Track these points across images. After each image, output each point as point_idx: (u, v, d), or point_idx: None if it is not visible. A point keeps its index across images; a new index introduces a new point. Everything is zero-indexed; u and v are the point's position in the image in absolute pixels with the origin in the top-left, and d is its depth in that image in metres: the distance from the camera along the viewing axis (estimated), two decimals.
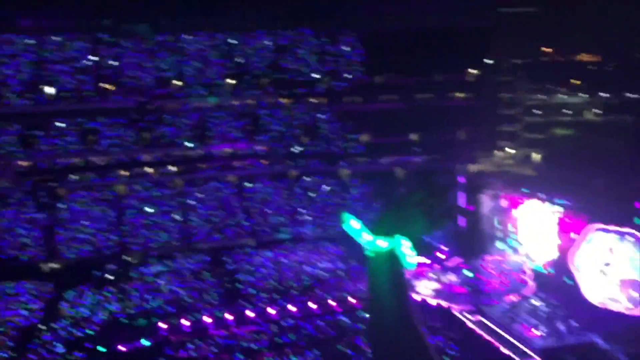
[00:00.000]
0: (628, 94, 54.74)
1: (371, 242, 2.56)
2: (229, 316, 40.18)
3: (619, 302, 35.14)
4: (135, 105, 54.91)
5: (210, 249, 49.46)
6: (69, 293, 42.23)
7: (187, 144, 54.95)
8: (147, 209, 51.49)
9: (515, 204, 45.05)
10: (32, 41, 55.41)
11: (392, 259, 2.54)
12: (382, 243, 2.54)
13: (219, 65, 57.99)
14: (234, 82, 57.82)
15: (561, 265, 39.66)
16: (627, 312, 34.50)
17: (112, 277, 44.56)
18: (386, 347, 2.65)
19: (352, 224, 2.61)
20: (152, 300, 42.05)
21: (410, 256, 2.62)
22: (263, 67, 58.89)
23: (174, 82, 56.69)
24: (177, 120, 55.76)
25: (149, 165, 54.16)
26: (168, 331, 38.60)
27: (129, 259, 47.52)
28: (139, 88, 55.50)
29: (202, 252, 48.95)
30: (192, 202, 53.06)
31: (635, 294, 34.34)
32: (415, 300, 39.88)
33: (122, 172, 53.42)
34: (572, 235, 38.74)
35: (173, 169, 54.61)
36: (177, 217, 51.68)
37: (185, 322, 39.35)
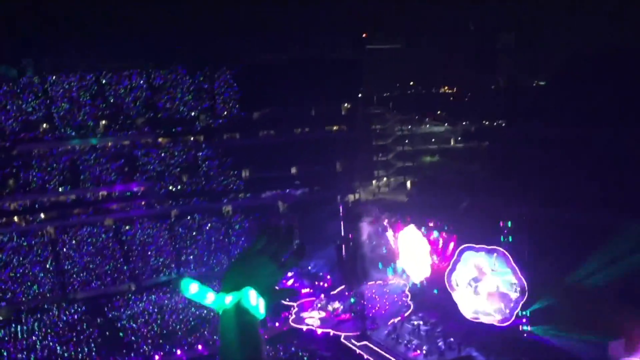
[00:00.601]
0: (484, 122, 59.74)
1: (216, 300, 2.50)
2: None
3: (491, 315, 37.73)
4: None
5: (88, 297, 47.01)
6: None
7: (57, 189, 52.16)
8: (15, 261, 48.01)
9: (392, 229, 47.19)
10: None
11: (240, 312, 2.48)
12: (227, 298, 2.49)
13: (90, 106, 55.89)
14: (107, 123, 56.03)
15: (438, 285, 41.94)
16: (497, 324, 37.11)
17: None
18: None
19: (191, 289, 2.45)
20: (24, 359, 39.03)
21: (259, 306, 2.53)
22: (137, 106, 57.55)
23: (42, 125, 53.98)
24: (46, 165, 52.86)
25: (16, 213, 50.76)
26: None
27: None
28: (1, 132, 52.25)
29: (78, 302, 46.39)
30: (66, 250, 50.22)
31: (502, 306, 37.06)
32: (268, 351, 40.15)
33: None
34: (446, 255, 41.25)
35: (43, 216, 51.56)
36: (49, 266, 48.63)
37: None
